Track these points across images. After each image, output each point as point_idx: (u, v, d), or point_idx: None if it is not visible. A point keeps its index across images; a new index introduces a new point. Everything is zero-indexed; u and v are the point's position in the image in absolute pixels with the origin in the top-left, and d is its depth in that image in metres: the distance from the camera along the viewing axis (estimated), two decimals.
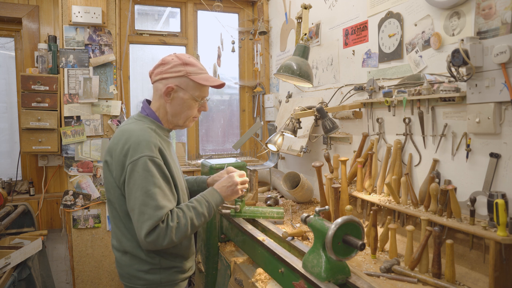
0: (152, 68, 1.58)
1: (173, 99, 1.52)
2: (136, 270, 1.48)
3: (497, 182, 1.39)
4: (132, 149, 1.37)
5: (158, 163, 1.39)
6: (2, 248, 2.37)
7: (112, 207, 1.50)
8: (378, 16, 2.00)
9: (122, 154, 1.39)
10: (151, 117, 1.56)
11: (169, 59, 1.53)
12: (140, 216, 1.33)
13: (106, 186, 1.51)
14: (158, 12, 3.46)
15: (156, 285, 1.50)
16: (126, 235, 1.49)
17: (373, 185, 1.88)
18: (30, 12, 3.07)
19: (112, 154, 1.44)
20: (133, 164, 1.36)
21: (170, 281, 1.53)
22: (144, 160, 1.36)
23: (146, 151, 1.37)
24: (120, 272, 1.55)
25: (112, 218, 1.54)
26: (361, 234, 1.30)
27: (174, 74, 1.50)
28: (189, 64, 1.52)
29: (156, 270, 1.50)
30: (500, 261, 1.22)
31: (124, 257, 1.51)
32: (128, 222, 1.46)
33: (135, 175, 1.35)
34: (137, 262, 1.49)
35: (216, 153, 3.57)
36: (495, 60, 1.29)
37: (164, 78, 1.51)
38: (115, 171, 1.42)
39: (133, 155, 1.36)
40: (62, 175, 3.19)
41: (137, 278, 1.49)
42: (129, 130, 1.45)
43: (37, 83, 2.77)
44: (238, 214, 2.02)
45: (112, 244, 1.59)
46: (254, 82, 3.58)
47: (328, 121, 2.04)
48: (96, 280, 2.97)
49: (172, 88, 1.49)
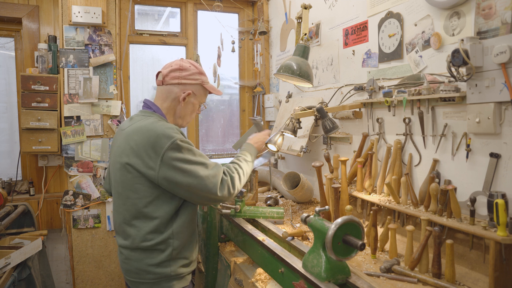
0: (167, 71, 1.63)
1: (186, 103, 1.65)
2: (146, 265, 1.52)
3: (497, 182, 1.39)
4: (162, 138, 1.44)
5: (188, 142, 1.50)
6: (2, 248, 2.37)
7: (129, 204, 1.52)
8: (378, 16, 2.00)
9: (151, 146, 1.43)
10: (158, 113, 1.63)
11: (186, 65, 1.64)
12: (203, 180, 1.45)
13: (117, 189, 1.55)
14: (158, 12, 3.46)
15: (166, 278, 1.53)
16: (143, 230, 1.50)
17: (373, 185, 1.88)
18: (30, 12, 3.07)
19: (138, 154, 1.46)
20: (169, 149, 1.43)
21: (178, 274, 1.56)
22: (178, 143, 1.44)
23: (175, 135, 1.45)
24: (127, 268, 1.57)
25: (123, 216, 1.55)
26: (361, 234, 1.30)
27: (193, 81, 1.64)
28: (202, 73, 1.69)
29: (167, 263, 1.53)
30: (500, 261, 1.22)
31: (134, 253, 1.54)
32: (147, 215, 1.49)
33: (178, 155, 1.43)
34: (148, 256, 1.52)
35: (216, 153, 3.57)
36: (495, 60, 1.29)
37: (182, 84, 1.63)
38: (144, 164, 1.44)
39: (166, 142, 1.43)
40: (62, 175, 3.19)
41: (147, 272, 1.52)
42: (146, 125, 1.50)
43: (37, 83, 2.77)
44: (238, 214, 2.02)
45: (118, 244, 1.61)
46: (254, 82, 3.58)
47: (328, 121, 2.04)
48: (96, 280, 2.97)
49: (190, 93, 1.63)
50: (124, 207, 1.54)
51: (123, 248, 1.58)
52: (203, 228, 2.33)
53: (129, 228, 1.54)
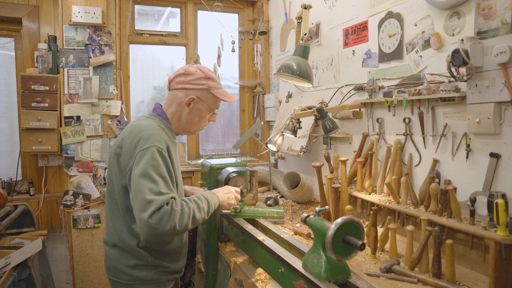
0: (173, 76, 1.64)
1: (192, 109, 1.61)
2: (122, 265, 1.52)
3: (497, 182, 1.39)
4: (143, 139, 1.43)
5: (165, 156, 1.45)
6: (2, 248, 2.37)
7: (112, 199, 1.54)
8: (378, 16, 2.00)
9: (132, 144, 1.44)
10: (161, 117, 1.63)
11: (192, 70, 1.61)
12: (144, 198, 1.32)
13: (109, 178, 1.55)
14: (158, 12, 3.46)
15: (141, 281, 1.53)
16: (121, 228, 1.52)
17: (373, 185, 1.88)
18: (30, 12, 3.07)
19: (122, 146, 1.48)
20: (142, 152, 1.40)
21: (155, 280, 1.56)
22: (153, 150, 1.41)
23: (156, 142, 1.43)
24: (107, 266, 1.59)
25: (109, 211, 1.57)
26: (361, 234, 1.30)
27: (197, 86, 1.60)
28: (210, 78, 1.62)
29: (142, 267, 1.53)
30: (500, 261, 1.22)
31: (112, 251, 1.55)
32: (126, 215, 1.50)
33: (143, 162, 1.39)
34: (125, 257, 1.53)
35: (216, 153, 3.57)
36: (495, 60, 1.29)
37: (186, 89, 1.60)
38: (124, 160, 1.45)
39: (144, 145, 1.42)
40: (62, 175, 3.19)
41: (123, 273, 1.53)
42: (140, 125, 1.50)
43: (37, 83, 2.77)
44: (238, 214, 2.02)
45: (103, 239, 1.63)
46: (254, 82, 3.58)
47: (328, 121, 2.04)
48: (96, 280, 2.97)
49: (194, 99, 1.59)
50: (108, 199, 1.57)
51: (105, 243, 1.60)
52: (203, 228, 2.33)
53: (110, 223, 1.56)
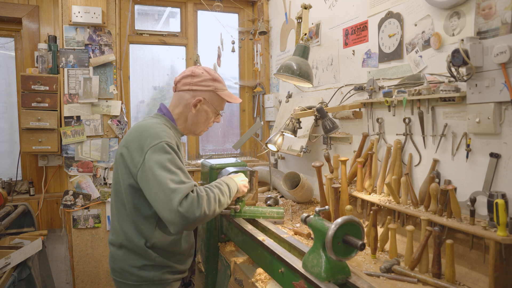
0: (179, 77, 1.65)
1: (198, 110, 1.62)
2: (129, 266, 1.52)
3: (497, 182, 1.39)
4: (152, 136, 1.43)
5: (176, 151, 1.46)
6: (2, 248, 2.37)
7: (119, 199, 1.53)
8: (378, 16, 2.00)
9: (141, 142, 1.43)
10: (167, 117, 1.63)
11: (199, 72, 1.62)
12: (169, 188, 1.32)
13: (116, 178, 1.54)
14: (158, 12, 3.46)
15: (148, 282, 1.53)
16: (128, 228, 1.51)
17: (373, 185, 1.88)
18: (30, 12, 3.07)
19: (129, 146, 1.47)
20: (153, 148, 1.40)
21: (162, 280, 1.55)
22: (164, 145, 1.41)
23: (166, 138, 1.44)
24: (112, 267, 1.58)
25: (115, 211, 1.56)
26: (361, 234, 1.30)
27: (204, 88, 1.61)
28: (216, 80, 1.64)
29: (150, 267, 1.52)
30: (500, 261, 1.22)
31: (119, 252, 1.54)
32: (133, 214, 1.49)
33: (156, 156, 1.38)
34: (132, 258, 1.52)
35: (216, 153, 3.57)
36: (495, 60, 1.29)
37: (193, 90, 1.61)
38: (131, 158, 1.44)
39: (153, 141, 1.42)
40: (62, 175, 3.19)
41: (130, 274, 1.52)
42: (147, 124, 1.50)
43: (37, 83, 2.77)
44: (238, 214, 2.02)
45: (109, 239, 1.62)
46: (254, 82, 3.58)
47: (328, 121, 2.04)
48: (96, 280, 2.97)
49: (200, 100, 1.60)
50: (114, 199, 1.56)
51: (111, 244, 1.59)
52: (203, 228, 2.33)
53: (116, 223, 1.55)
